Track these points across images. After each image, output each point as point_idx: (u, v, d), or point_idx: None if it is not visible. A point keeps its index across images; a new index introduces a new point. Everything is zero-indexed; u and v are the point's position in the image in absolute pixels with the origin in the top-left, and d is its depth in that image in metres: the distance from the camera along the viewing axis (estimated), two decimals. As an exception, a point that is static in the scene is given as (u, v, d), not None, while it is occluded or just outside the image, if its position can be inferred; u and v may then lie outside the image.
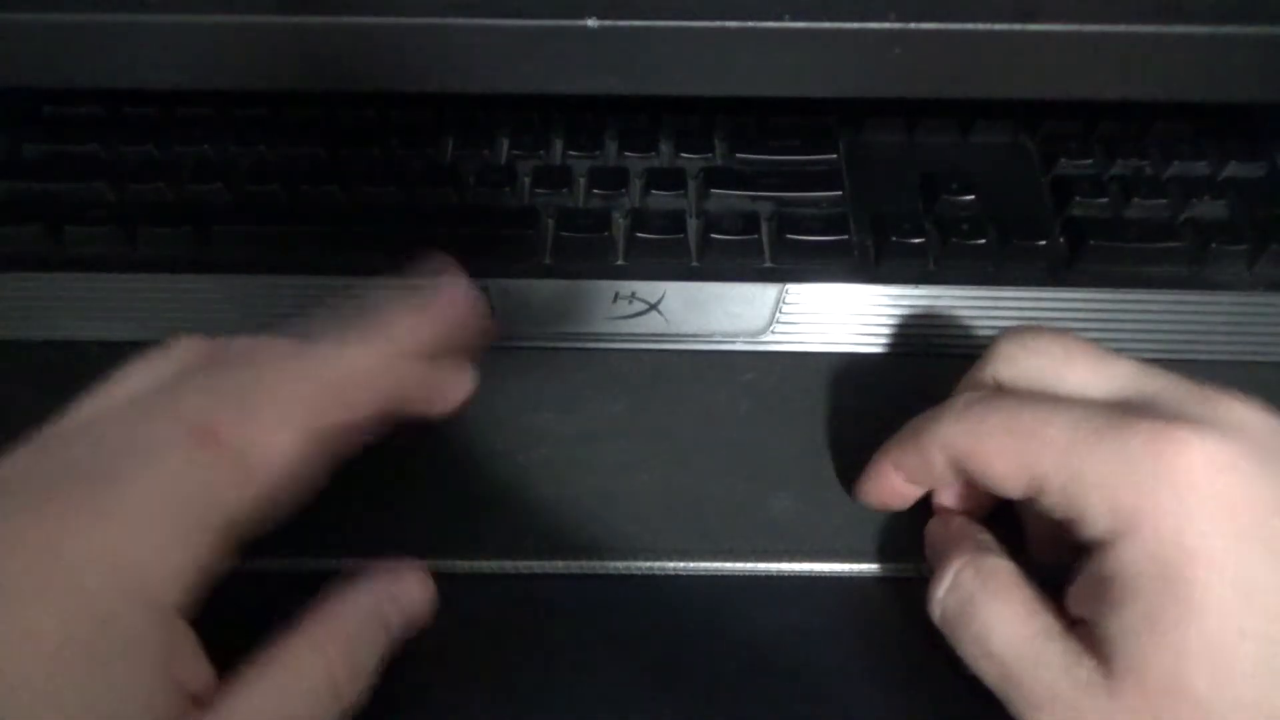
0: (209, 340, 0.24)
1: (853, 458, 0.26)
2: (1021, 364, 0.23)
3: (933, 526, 0.25)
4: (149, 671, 0.18)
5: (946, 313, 0.30)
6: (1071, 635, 0.20)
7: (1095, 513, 0.20)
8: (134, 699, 0.18)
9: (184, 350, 0.24)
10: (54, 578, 0.18)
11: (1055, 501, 0.21)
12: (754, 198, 0.32)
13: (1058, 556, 0.22)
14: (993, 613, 0.21)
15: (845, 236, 0.31)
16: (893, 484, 0.25)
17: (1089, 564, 0.21)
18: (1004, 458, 0.22)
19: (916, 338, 0.30)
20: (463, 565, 0.25)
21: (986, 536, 0.24)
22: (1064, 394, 0.22)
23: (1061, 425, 0.21)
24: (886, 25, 0.28)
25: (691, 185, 0.33)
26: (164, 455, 0.20)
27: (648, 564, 0.26)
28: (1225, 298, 0.30)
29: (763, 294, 0.30)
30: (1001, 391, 0.23)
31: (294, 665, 0.20)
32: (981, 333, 0.30)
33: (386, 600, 0.22)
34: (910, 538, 0.25)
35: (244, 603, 0.20)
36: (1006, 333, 0.24)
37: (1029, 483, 0.21)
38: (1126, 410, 0.21)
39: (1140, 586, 0.19)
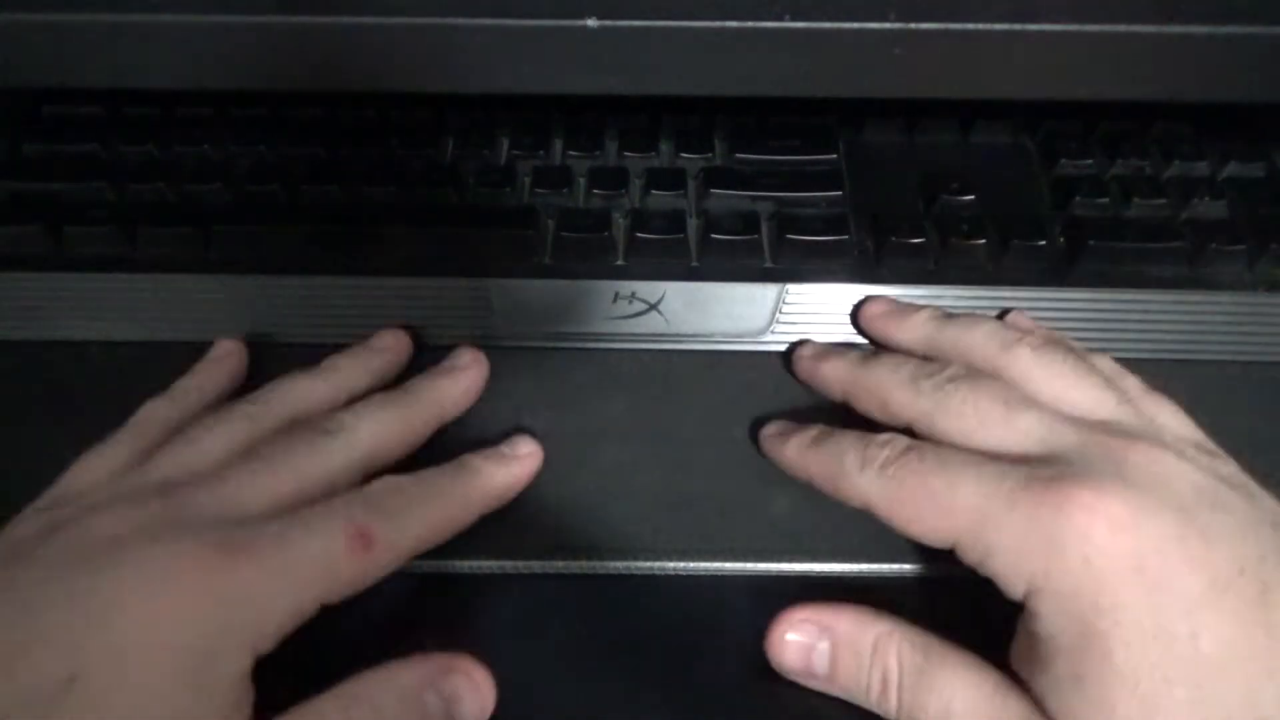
0: (290, 408, 0.26)
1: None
2: (940, 425, 0.24)
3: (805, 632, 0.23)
4: (231, 711, 0.20)
5: (946, 313, 0.30)
6: (1018, 692, 0.21)
7: (1009, 576, 0.21)
8: None
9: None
10: (181, 608, 0.20)
11: (973, 561, 0.22)
12: (754, 198, 0.32)
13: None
14: (949, 680, 0.21)
15: (845, 236, 0.31)
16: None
17: (1019, 622, 0.22)
18: (921, 522, 0.23)
19: (916, 338, 0.30)
20: (463, 565, 0.25)
21: (857, 607, 0.23)
22: (980, 447, 0.23)
23: (972, 493, 0.22)
24: (886, 25, 0.28)
25: (691, 185, 0.33)
26: (313, 536, 0.22)
27: (648, 564, 0.26)
28: (1225, 298, 0.30)
29: (763, 294, 0.30)
30: (917, 446, 0.24)
31: None
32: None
33: (430, 689, 0.22)
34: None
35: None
36: (934, 384, 0.25)
37: (948, 543, 0.22)
38: (1034, 473, 0.22)
39: (1061, 645, 0.20)
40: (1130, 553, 0.20)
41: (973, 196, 0.33)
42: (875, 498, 0.24)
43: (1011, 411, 0.24)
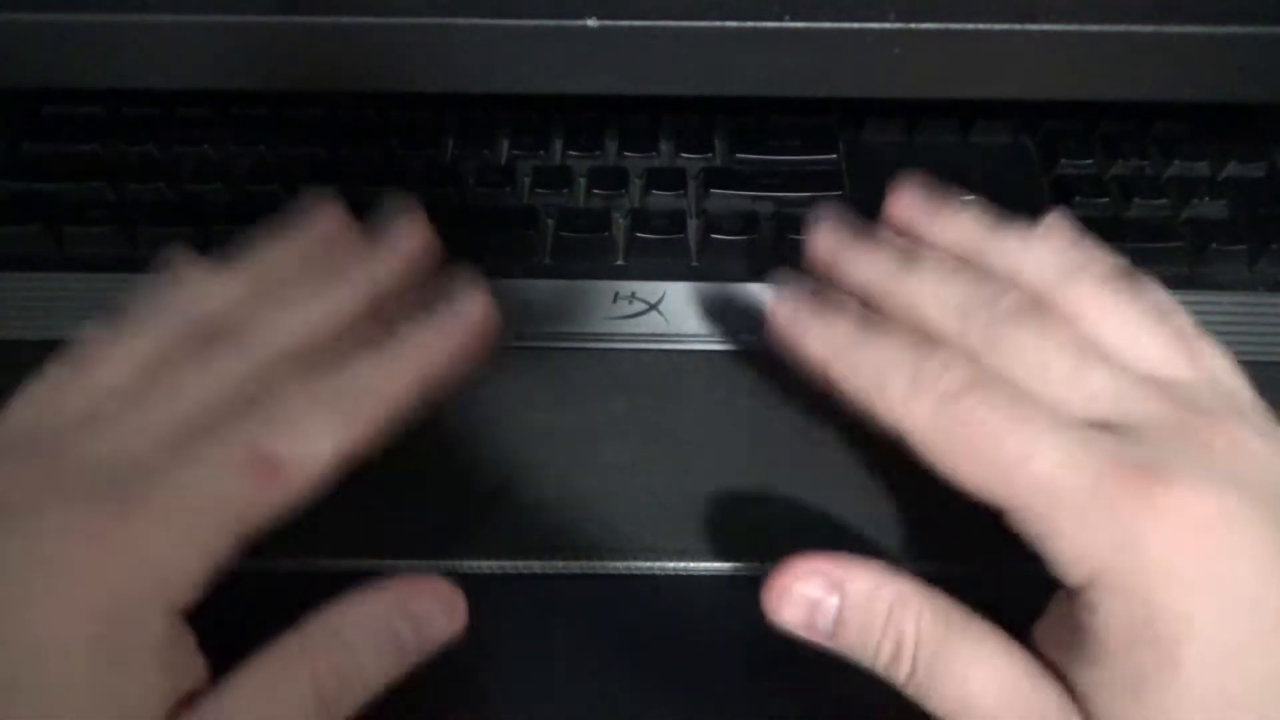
0: (192, 314, 0.23)
1: (853, 457, 0.26)
2: (990, 364, 0.21)
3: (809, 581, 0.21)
4: (154, 672, 0.19)
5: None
6: (1051, 678, 0.20)
7: (1071, 562, 0.19)
8: (138, 699, 0.18)
9: (177, 321, 0.22)
10: (81, 576, 0.18)
11: (1028, 533, 0.20)
12: (754, 198, 0.32)
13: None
14: (970, 658, 0.20)
15: (845, 236, 0.31)
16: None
17: (1060, 605, 0.20)
18: (976, 476, 0.20)
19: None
20: (463, 565, 0.25)
21: (872, 564, 0.21)
22: (1036, 399, 0.21)
23: (1048, 462, 0.19)
24: (886, 25, 0.28)
25: (691, 185, 0.33)
26: (207, 468, 0.20)
27: (648, 564, 0.26)
28: (1225, 298, 0.30)
29: (763, 294, 0.30)
30: (984, 382, 0.21)
31: (279, 669, 0.20)
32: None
33: (398, 614, 0.21)
34: (910, 537, 0.25)
35: (242, 602, 0.20)
36: (991, 317, 0.22)
37: (999, 501, 0.20)
38: (1120, 454, 0.19)
39: (1120, 646, 0.19)
40: (1208, 556, 0.18)
41: (972, 196, 0.33)
42: (923, 431, 0.21)
43: (1081, 367, 0.21)
